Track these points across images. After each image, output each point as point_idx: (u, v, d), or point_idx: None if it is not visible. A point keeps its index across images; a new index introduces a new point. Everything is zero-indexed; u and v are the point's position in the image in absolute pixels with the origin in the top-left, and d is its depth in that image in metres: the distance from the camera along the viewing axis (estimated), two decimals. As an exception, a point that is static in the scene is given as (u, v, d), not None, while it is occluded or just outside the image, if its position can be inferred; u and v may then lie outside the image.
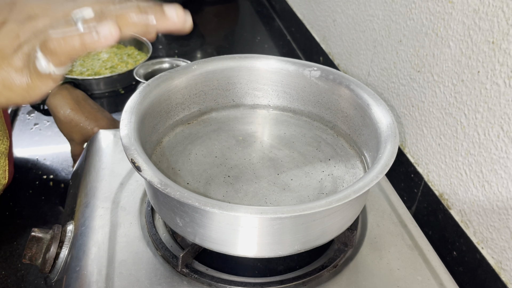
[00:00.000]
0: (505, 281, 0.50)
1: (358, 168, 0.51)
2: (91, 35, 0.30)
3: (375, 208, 0.54)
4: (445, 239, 0.59)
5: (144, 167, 0.39)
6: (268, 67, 0.57)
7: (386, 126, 0.46)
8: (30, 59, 0.31)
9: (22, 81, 0.32)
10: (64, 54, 0.31)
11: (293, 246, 0.42)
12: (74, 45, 0.30)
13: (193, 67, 0.54)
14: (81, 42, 0.30)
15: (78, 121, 0.72)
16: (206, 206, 0.37)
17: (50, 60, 0.31)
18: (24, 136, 0.84)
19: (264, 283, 0.44)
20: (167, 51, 1.15)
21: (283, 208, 0.37)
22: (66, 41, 0.30)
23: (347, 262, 0.47)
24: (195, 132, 0.55)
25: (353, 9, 0.82)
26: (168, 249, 0.47)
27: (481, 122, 0.52)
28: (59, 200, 0.72)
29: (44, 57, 0.31)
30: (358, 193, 0.39)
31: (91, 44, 0.30)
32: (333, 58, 0.93)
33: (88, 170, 0.57)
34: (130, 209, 0.51)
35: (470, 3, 0.52)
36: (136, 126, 0.44)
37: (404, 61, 0.66)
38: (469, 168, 0.55)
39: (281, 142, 0.55)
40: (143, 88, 0.49)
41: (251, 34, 1.30)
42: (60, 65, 0.31)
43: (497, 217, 0.51)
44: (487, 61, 0.50)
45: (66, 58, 0.31)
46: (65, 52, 0.31)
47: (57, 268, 0.48)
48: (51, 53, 0.31)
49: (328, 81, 0.54)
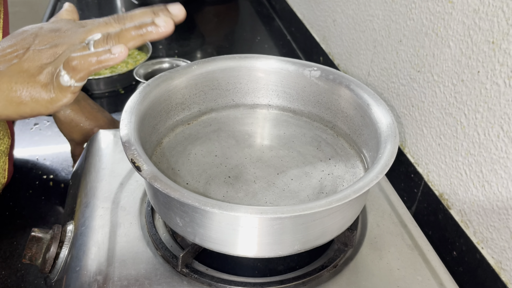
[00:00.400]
0: (505, 281, 0.50)
1: (358, 168, 0.51)
2: (106, 54, 0.38)
3: (375, 208, 0.54)
4: (445, 239, 0.59)
5: (144, 167, 0.39)
6: (268, 67, 0.57)
7: (386, 126, 0.46)
8: (53, 77, 0.39)
9: (47, 95, 0.39)
10: (83, 70, 0.38)
11: (293, 246, 0.42)
12: (92, 62, 0.38)
13: (193, 67, 0.54)
14: (97, 59, 0.38)
15: (78, 121, 0.72)
16: (206, 206, 0.37)
17: (71, 76, 0.38)
18: (24, 136, 0.84)
19: (264, 283, 0.44)
20: (167, 51, 1.15)
21: (283, 208, 0.37)
22: (85, 59, 0.38)
23: (347, 262, 0.47)
24: (195, 133, 0.55)
25: (353, 9, 0.82)
26: (168, 249, 0.47)
27: (481, 122, 0.52)
28: (59, 200, 0.71)
29: (67, 74, 0.38)
30: (358, 193, 0.39)
31: (105, 61, 0.38)
32: (333, 58, 0.93)
33: (88, 170, 0.57)
34: (130, 209, 0.51)
35: (470, 3, 0.52)
36: (136, 126, 0.44)
37: (404, 61, 0.66)
38: (469, 168, 0.55)
39: (281, 142, 0.55)
40: (143, 88, 0.49)
41: (251, 34, 1.30)
42: (80, 80, 0.38)
43: (497, 217, 0.51)
44: (487, 61, 0.50)
45: (85, 73, 0.38)
46: (84, 68, 0.38)
47: (57, 268, 0.48)
48: (73, 70, 0.38)
49: (328, 81, 0.54)
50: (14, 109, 0.39)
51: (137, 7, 0.43)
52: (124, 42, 0.39)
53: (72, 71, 0.38)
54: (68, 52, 0.39)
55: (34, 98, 0.39)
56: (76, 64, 0.37)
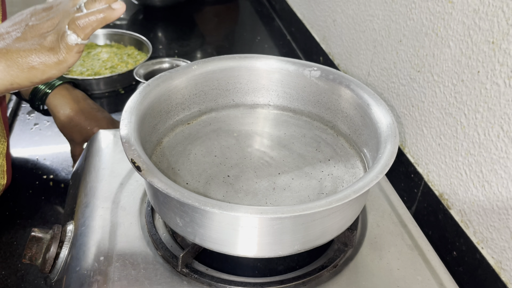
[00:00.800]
0: (505, 281, 0.50)
1: (358, 168, 0.51)
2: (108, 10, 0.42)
3: (375, 208, 0.54)
4: (445, 239, 0.59)
5: (144, 167, 0.39)
6: (268, 67, 0.57)
7: (386, 126, 0.46)
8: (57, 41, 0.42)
9: (55, 57, 0.42)
10: (89, 26, 0.41)
11: (293, 246, 0.42)
12: (98, 17, 0.41)
13: (193, 67, 0.54)
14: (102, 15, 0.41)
15: (78, 121, 0.72)
16: (206, 206, 0.37)
17: (78, 34, 0.41)
18: (24, 136, 0.84)
19: (264, 283, 0.44)
20: (167, 51, 1.15)
21: (283, 208, 0.37)
22: (90, 16, 0.41)
23: (347, 262, 0.47)
24: (195, 132, 0.55)
25: (353, 9, 0.82)
26: (168, 249, 0.47)
27: (481, 122, 0.52)
28: (59, 200, 0.71)
29: (73, 33, 0.41)
30: (358, 193, 0.39)
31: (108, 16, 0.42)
32: (333, 58, 0.93)
33: (88, 170, 0.57)
34: (130, 209, 0.51)
35: (470, 3, 0.52)
36: (136, 126, 0.44)
37: (404, 61, 0.66)
38: (469, 168, 0.55)
39: (281, 142, 0.55)
40: (143, 88, 0.49)
41: (251, 34, 1.30)
42: (85, 37, 0.42)
43: (497, 217, 0.51)
44: (487, 61, 0.50)
45: (91, 30, 0.42)
46: (90, 24, 0.41)
47: (57, 268, 0.48)
48: (78, 28, 0.41)
49: (328, 81, 0.54)
50: (26, 75, 0.42)
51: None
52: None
53: (78, 29, 0.41)
54: (64, 20, 0.43)
55: (43, 62, 0.42)
56: (82, 22, 0.41)
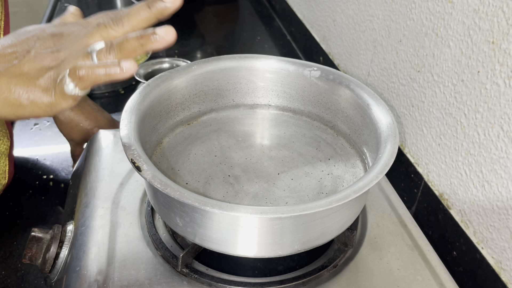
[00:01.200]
0: (505, 281, 0.50)
1: (358, 168, 0.51)
2: (115, 67, 0.37)
3: (375, 208, 0.54)
4: (445, 239, 0.59)
5: (144, 167, 0.39)
6: (268, 67, 0.57)
7: (386, 126, 0.46)
8: (55, 82, 0.38)
9: (47, 100, 0.38)
10: (89, 80, 0.37)
11: (293, 246, 0.42)
12: (100, 74, 0.37)
13: (193, 67, 0.54)
14: (106, 72, 0.37)
15: (78, 121, 0.72)
16: (206, 206, 0.37)
17: (77, 85, 0.37)
18: (24, 136, 0.84)
19: (264, 283, 0.44)
20: (167, 51, 1.15)
21: (283, 208, 0.37)
22: (93, 70, 0.37)
23: (347, 262, 0.47)
24: (195, 133, 0.55)
25: (353, 9, 0.82)
26: (168, 249, 0.47)
27: (481, 122, 0.52)
28: (59, 200, 0.71)
29: (72, 82, 0.37)
30: (358, 193, 0.39)
31: (114, 75, 0.37)
32: (333, 58, 0.93)
33: (88, 170, 0.57)
34: (130, 209, 0.51)
35: (470, 3, 0.52)
36: (136, 126, 0.44)
37: (404, 61, 0.66)
38: (469, 168, 0.55)
39: (281, 142, 0.55)
40: (143, 88, 0.49)
41: (251, 34, 1.30)
42: (84, 89, 0.38)
43: (497, 217, 0.51)
44: (487, 61, 0.50)
45: (91, 84, 0.38)
46: (91, 79, 0.37)
47: (57, 268, 0.48)
48: (79, 79, 0.37)
49: (328, 81, 0.54)
50: (12, 110, 0.38)
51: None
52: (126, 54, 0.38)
53: (78, 80, 0.37)
54: (70, 58, 0.38)
55: (33, 102, 0.38)
56: (83, 74, 0.37)
